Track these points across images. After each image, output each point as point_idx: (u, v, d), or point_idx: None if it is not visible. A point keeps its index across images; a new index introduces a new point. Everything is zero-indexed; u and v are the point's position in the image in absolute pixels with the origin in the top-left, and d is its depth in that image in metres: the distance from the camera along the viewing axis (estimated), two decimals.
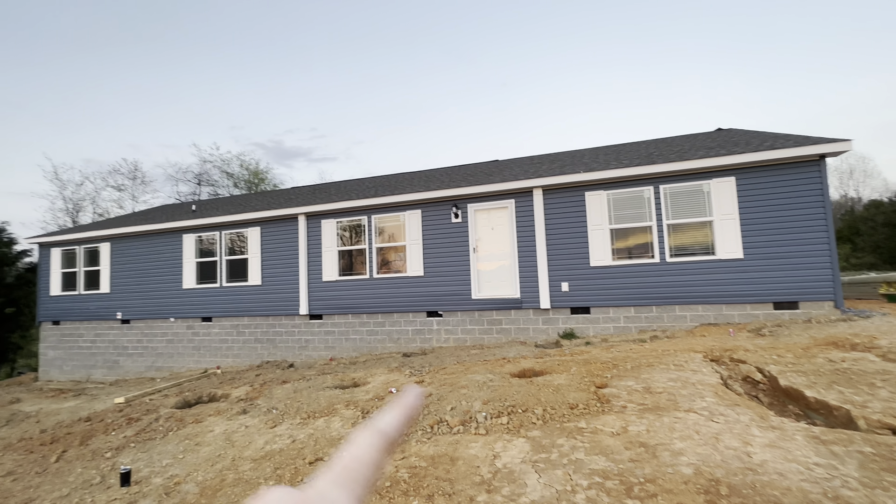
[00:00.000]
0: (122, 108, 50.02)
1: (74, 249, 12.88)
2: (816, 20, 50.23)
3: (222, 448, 4.38)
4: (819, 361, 4.85)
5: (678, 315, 7.92)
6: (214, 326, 11.25)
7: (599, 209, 8.49)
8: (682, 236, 8.01)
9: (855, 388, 3.84)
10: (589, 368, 5.40)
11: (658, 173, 8.11)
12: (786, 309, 7.39)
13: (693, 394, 4.05)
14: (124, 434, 5.48)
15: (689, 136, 11.01)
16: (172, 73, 52.57)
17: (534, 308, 8.73)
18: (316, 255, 10.42)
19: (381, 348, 9.73)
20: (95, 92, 48.34)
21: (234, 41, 56.72)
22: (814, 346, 5.76)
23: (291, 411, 5.31)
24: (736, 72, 58.57)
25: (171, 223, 11.70)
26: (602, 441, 3.14)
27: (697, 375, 4.70)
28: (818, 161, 7.35)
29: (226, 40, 55.96)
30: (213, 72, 55.87)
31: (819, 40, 51.17)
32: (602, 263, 8.38)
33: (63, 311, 12.84)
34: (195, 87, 55.15)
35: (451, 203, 9.49)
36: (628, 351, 6.51)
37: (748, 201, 7.67)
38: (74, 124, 48.64)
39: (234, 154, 40.31)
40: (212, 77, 56.00)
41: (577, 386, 4.60)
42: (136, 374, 11.88)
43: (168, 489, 3.56)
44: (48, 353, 13.01)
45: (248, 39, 57.51)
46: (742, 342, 6.48)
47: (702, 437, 3.00)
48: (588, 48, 62.52)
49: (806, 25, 51.00)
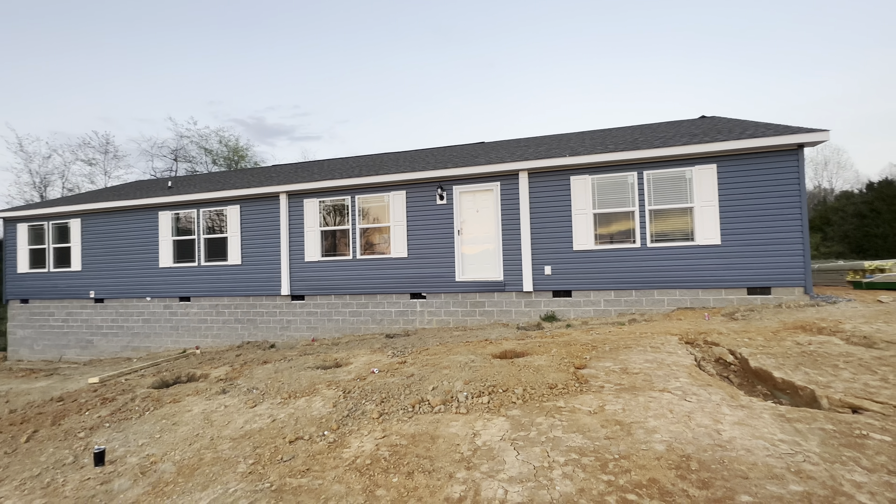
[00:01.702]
0: (93, 80, 47.46)
1: (42, 225, 12.34)
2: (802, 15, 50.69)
3: (201, 428, 4.33)
4: (787, 344, 5.05)
5: (656, 299, 8.11)
6: (193, 306, 11.03)
7: (584, 193, 8.53)
8: (664, 222, 8.14)
9: (820, 369, 4.01)
10: (569, 350, 5.50)
11: (642, 159, 8.17)
12: (758, 294, 7.64)
13: (668, 374, 4.17)
14: (99, 414, 5.36)
15: (673, 123, 11.09)
16: (145, 44, 49.96)
17: (517, 291, 8.81)
18: (298, 234, 10.24)
19: (363, 329, 9.72)
20: (64, 62, 45.67)
21: (211, 14, 54.07)
22: (783, 329, 5.98)
23: (272, 391, 5.28)
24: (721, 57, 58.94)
25: (146, 199, 11.28)
26: (579, 420, 3.21)
27: (673, 357, 4.84)
28: (796, 150, 7.50)
29: (202, 13, 53.29)
30: (189, 45, 53.33)
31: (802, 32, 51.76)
32: (585, 248, 8.47)
33: (32, 290, 12.37)
34: (170, 60, 52.63)
35: (436, 184, 9.39)
36: (607, 333, 6.65)
37: (728, 188, 7.81)
38: (41, 95, 46.01)
39: (212, 129, 38.90)
40: (188, 50, 53.46)
41: (557, 367, 4.68)
42: (112, 355, 11.62)
43: (144, 468, 3.51)
44: (17, 333, 12.58)
45: (226, 12, 54.90)
46: (716, 326, 6.69)
47: (675, 416, 3.10)
48: (575, 31, 61.86)
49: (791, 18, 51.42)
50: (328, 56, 65.58)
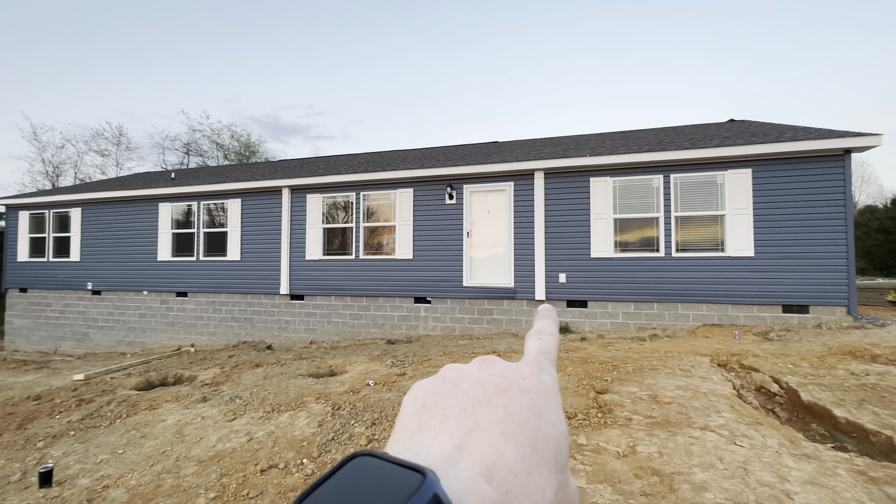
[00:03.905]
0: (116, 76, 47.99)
1: (44, 213, 12.09)
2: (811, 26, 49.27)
3: (170, 443, 3.85)
4: (840, 374, 4.40)
5: (680, 314, 7.46)
6: (190, 302, 10.64)
7: (604, 197, 7.92)
8: (691, 230, 7.50)
9: (891, 408, 3.38)
10: (586, 369, 4.92)
11: (669, 161, 7.54)
12: (795, 312, 6.96)
13: (707, 406, 3.57)
14: (69, 418, 4.92)
15: (700, 126, 10.42)
16: (167, 43, 50.44)
17: (528, 299, 8.22)
18: (300, 231, 9.79)
19: (364, 333, 9.22)
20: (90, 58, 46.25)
21: (231, 14, 54.45)
22: (829, 355, 5.32)
23: (256, 402, 4.78)
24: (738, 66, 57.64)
25: (146, 190, 10.94)
26: (606, 464, 2.64)
27: (708, 384, 4.23)
28: (842, 156, 6.83)
29: (223, 13, 53.68)
30: (208, 44, 53.73)
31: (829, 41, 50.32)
32: (603, 255, 7.86)
33: (30, 279, 12.12)
34: (190, 59, 53.06)
35: (445, 183, 8.87)
36: (628, 350, 6.04)
37: (764, 196, 7.15)
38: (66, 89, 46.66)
39: (224, 124, 38.93)
40: (208, 49, 53.86)
41: (575, 390, 4.11)
42: (107, 348, 11.28)
43: (92, 494, 3.02)
44: (14, 322, 12.33)
45: (246, 13, 55.23)
46: (749, 346, 6.04)
47: (727, 467, 2.51)
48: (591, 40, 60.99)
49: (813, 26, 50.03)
50: (344, 58, 65.72)
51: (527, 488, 0.23)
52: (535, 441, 0.26)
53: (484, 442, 0.25)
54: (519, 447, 0.25)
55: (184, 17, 51.03)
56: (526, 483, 0.23)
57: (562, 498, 0.25)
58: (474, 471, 0.23)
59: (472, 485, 0.22)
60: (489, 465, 0.23)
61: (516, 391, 0.28)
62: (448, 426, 0.26)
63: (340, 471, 0.22)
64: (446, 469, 0.23)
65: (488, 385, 0.28)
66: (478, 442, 0.25)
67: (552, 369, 0.32)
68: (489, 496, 0.22)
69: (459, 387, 0.29)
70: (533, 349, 0.33)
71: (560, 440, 0.27)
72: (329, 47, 64.23)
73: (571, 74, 66.10)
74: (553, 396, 0.29)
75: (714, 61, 58.86)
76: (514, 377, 0.29)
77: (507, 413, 0.26)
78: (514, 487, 0.23)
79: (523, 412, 0.27)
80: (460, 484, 0.22)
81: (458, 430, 0.25)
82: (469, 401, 0.27)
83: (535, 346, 0.34)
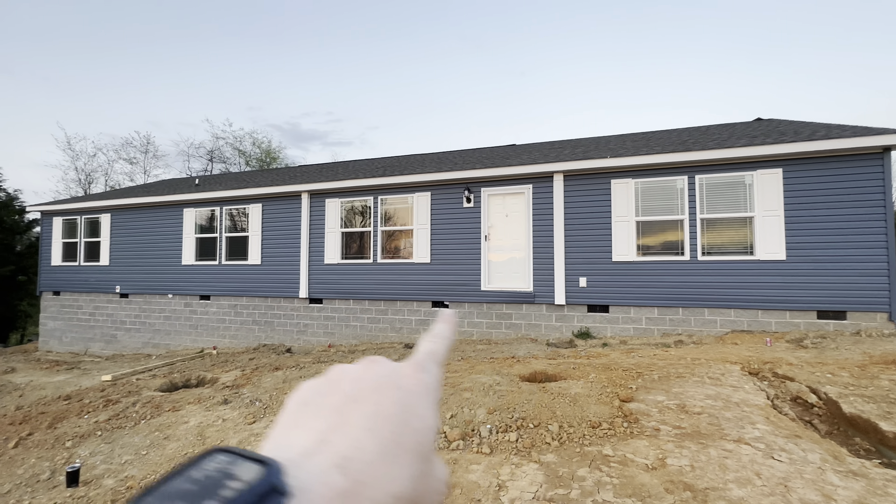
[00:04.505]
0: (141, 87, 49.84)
1: (76, 219, 12.57)
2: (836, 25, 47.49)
3: (191, 445, 3.89)
4: (885, 384, 4.14)
5: (707, 319, 7.20)
6: (212, 305, 10.85)
7: (626, 199, 7.73)
8: (718, 233, 7.24)
9: None
10: (609, 376, 4.77)
11: (694, 161, 7.31)
12: (831, 319, 6.62)
13: (740, 417, 3.40)
14: (97, 418, 5.04)
15: (726, 126, 10.10)
16: (191, 53, 52.14)
17: (547, 303, 8.08)
18: (318, 235, 9.88)
19: (381, 337, 9.21)
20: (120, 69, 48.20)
21: (253, 24, 55.96)
22: (871, 364, 5.03)
23: (275, 405, 4.81)
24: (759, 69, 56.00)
25: (171, 196, 11.25)
26: (635, 477, 2.52)
27: (739, 393, 4.04)
28: (881, 154, 6.49)
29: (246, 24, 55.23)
30: (232, 54, 55.32)
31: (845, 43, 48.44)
32: (625, 258, 7.66)
33: (63, 282, 12.59)
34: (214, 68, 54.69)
35: (463, 186, 8.82)
36: (652, 357, 5.85)
37: (795, 196, 6.85)
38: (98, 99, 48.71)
39: (246, 131, 39.89)
40: (230, 58, 55.44)
41: (598, 397, 3.98)
42: (133, 350, 11.60)
43: (117, 495, 3.06)
44: (48, 324, 12.83)
45: (267, 23, 56.69)
46: (782, 354, 5.77)
47: (765, 483, 2.36)
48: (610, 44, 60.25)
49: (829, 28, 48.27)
50: (362, 65, 66.61)
51: (382, 477, 0.25)
52: (401, 434, 0.27)
53: (347, 436, 0.26)
54: (381, 440, 0.26)
55: (209, 29, 52.69)
56: (382, 473, 0.25)
57: (422, 484, 0.27)
58: (329, 463, 0.25)
59: (323, 476, 0.24)
60: (346, 457, 0.25)
61: (391, 389, 0.30)
62: (318, 422, 0.27)
63: (192, 466, 0.22)
64: (303, 462, 0.24)
65: (365, 383, 0.30)
66: (340, 436, 0.26)
67: (436, 369, 0.34)
68: (339, 485, 0.24)
69: (339, 385, 0.30)
70: (422, 350, 0.36)
71: (427, 433, 0.29)
72: (347, 54, 65.25)
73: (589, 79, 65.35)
74: (428, 394, 0.31)
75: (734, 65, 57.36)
76: (392, 376, 0.31)
77: (377, 409, 0.28)
78: (368, 477, 0.25)
79: (394, 408, 0.28)
80: (311, 476, 0.24)
81: (325, 425, 0.27)
82: (344, 398, 0.29)
83: (424, 348, 0.36)
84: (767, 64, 54.98)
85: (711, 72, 59.66)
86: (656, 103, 61.98)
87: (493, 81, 69.24)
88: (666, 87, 63.15)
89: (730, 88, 58.77)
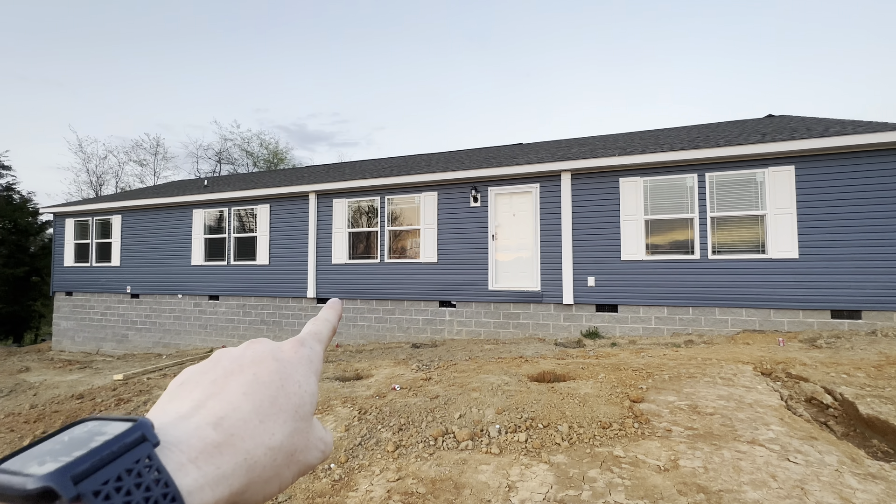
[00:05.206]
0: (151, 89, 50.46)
1: (87, 221, 12.75)
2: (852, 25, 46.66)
3: None
4: None
5: (718, 319, 7.10)
6: (221, 305, 10.95)
7: (634, 197, 7.66)
8: (729, 231, 7.14)
9: None
10: (619, 376, 4.73)
11: (704, 159, 7.22)
12: (845, 318, 6.51)
13: (753, 418, 3.34)
14: None
15: (736, 122, 9.97)
16: (199, 56, 52.65)
17: (555, 303, 8.03)
18: (326, 235, 9.92)
19: (389, 337, 9.23)
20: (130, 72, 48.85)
21: (260, 27, 56.36)
22: (887, 364, 4.92)
23: None
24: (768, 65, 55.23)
25: (180, 197, 11.37)
26: (647, 479, 2.49)
27: (752, 394, 3.97)
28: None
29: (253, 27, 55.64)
30: (238, 55, 55.77)
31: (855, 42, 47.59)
32: (634, 257, 7.59)
33: (75, 283, 12.78)
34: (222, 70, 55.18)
35: (470, 185, 8.80)
36: (662, 357, 5.78)
37: (809, 194, 6.74)
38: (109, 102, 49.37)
39: (254, 133, 40.21)
40: (237, 60, 55.90)
41: (608, 398, 3.94)
42: (144, 350, 11.74)
43: None
44: (61, 324, 13.02)
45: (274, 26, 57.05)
46: (795, 354, 5.67)
47: (781, 486, 2.32)
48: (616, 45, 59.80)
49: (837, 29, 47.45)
50: (367, 66, 66.75)
51: (255, 431, 0.28)
52: (276, 398, 0.30)
53: (222, 400, 0.29)
54: (257, 402, 0.29)
55: (215, 32, 53.17)
56: (256, 428, 0.28)
57: (300, 439, 0.31)
58: (204, 421, 0.27)
59: (197, 430, 0.26)
60: (220, 416, 0.28)
61: (270, 361, 0.32)
62: (195, 393, 0.29)
63: (60, 431, 0.23)
64: (177, 423, 0.26)
65: (246, 359, 0.32)
66: (216, 401, 0.29)
67: (317, 345, 0.37)
68: (212, 437, 0.26)
69: (219, 363, 0.32)
70: (306, 330, 0.39)
71: (304, 396, 0.32)
72: (352, 55, 65.46)
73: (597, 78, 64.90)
74: (306, 364, 0.34)
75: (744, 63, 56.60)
76: (272, 351, 0.33)
77: (255, 378, 0.31)
78: (241, 431, 0.28)
79: (270, 376, 0.31)
80: (186, 431, 0.26)
81: (201, 395, 0.29)
82: (223, 372, 0.31)
83: (308, 328, 0.39)
84: (778, 61, 54.22)
85: (721, 69, 58.98)
86: (664, 101, 61.42)
87: (500, 81, 69.05)
88: (675, 86, 62.54)
89: (740, 86, 58.04)
